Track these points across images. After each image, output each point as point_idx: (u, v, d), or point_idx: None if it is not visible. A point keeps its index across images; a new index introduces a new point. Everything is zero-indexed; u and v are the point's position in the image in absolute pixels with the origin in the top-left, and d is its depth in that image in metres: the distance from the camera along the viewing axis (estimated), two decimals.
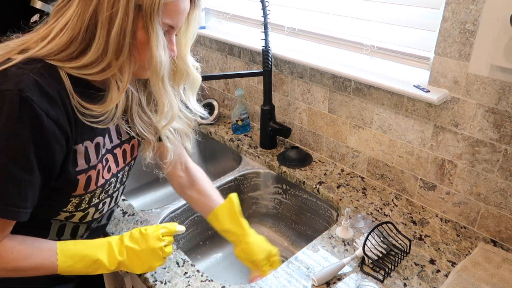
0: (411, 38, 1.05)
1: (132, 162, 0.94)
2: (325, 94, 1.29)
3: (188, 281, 0.92)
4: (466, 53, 0.93)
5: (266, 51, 1.30)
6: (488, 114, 0.94)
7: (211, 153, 1.63)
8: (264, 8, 1.23)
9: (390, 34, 1.09)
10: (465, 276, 0.91)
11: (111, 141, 0.84)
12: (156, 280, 0.92)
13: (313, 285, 0.90)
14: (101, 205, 0.87)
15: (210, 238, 1.35)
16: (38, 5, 1.91)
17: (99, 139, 0.80)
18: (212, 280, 0.92)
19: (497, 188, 0.98)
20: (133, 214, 1.13)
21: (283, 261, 1.01)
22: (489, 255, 0.97)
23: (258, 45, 1.32)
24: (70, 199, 0.79)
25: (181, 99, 0.88)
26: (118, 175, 0.89)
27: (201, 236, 1.33)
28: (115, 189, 0.90)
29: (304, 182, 1.27)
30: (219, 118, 1.67)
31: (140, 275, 0.95)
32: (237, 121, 1.53)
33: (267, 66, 1.32)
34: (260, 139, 1.45)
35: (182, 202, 1.21)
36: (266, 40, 1.29)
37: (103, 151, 0.82)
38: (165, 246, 0.85)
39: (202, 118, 0.93)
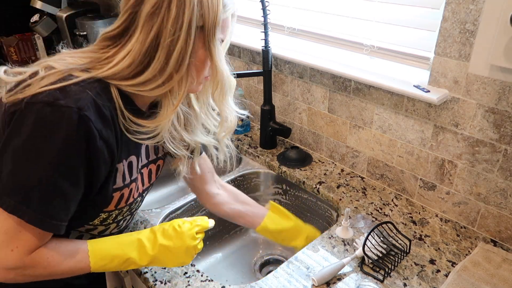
0: (411, 38, 1.05)
1: (154, 181, 0.96)
2: (325, 94, 1.29)
3: (188, 281, 0.92)
4: (466, 53, 0.93)
5: (266, 51, 1.30)
6: (488, 114, 0.94)
7: None
8: (264, 8, 1.23)
9: (390, 34, 1.09)
10: (465, 276, 0.91)
11: (141, 160, 0.86)
12: (156, 280, 0.92)
13: (313, 285, 0.90)
14: (122, 221, 0.90)
15: (210, 238, 1.35)
16: (38, 5, 1.91)
17: (133, 158, 0.81)
18: (212, 280, 0.92)
19: (497, 188, 0.98)
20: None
21: (283, 261, 1.01)
22: (489, 255, 0.97)
23: (258, 45, 1.32)
24: (100, 214, 0.81)
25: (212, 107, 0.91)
26: (143, 194, 0.91)
27: None
28: (137, 207, 0.92)
29: (304, 182, 1.27)
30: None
31: (140, 275, 0.95)
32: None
33: (267, 66, 1.32)
34: (260, 139, 1.45)
35: (182, 202, 1.21)
36: (266, 40, 1.29)
37: (136, 170, 0.83)
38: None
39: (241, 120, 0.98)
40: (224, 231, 1.38)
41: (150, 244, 0.82)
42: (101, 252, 0.78)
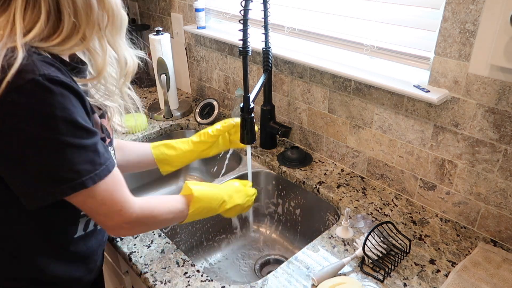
0: (411, 38, 1.05)
1: (113, 137, 0.94)
2: (325, 94, 1.29)
3: (188, 281, 0.92)
4: (466, 53, 0.93)
5: (266, 51, 1.30)
6: (488, 114, 0.94)
7: None
8: (265, 10, 1.23)
9: (390, 34, 1.09)
10: (465, 276, 0.91)
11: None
12: (156, 280, 0.92)
13: (313, 285, 0.90)
14: None
15: (210, 238, 1.35)
16: None
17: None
18: (212, 280, 0.92)
19: (497, 188, 0.98)
20: None
21: (283, 261, 1.01)
22: (489, 255, 0.97)
23: (258, 45, 1.32)
24: None
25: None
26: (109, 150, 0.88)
27: (201, 236, 1.33)
28: None
29: (304, 182, 1.27)
30: (219, 118, 1.67)
31: (140, 275, 0.95)
32: None
33: (267, 66, 1.32)
34: (260, 139, 1.45)
35: None
36: (266, 42, 1.29)
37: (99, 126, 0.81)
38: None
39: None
40: (224, 231, 1.38)
41: (229, 200, 0.99)
42: (197, 207, 0.91)
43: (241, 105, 1.14)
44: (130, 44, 0.89)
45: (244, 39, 1.07)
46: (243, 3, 1.04)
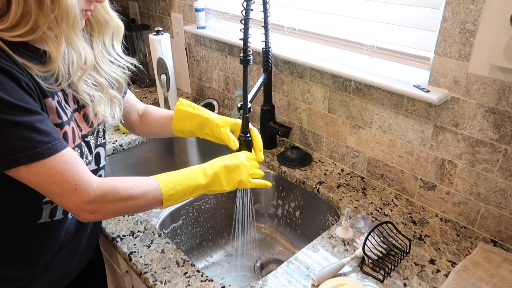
0: (411, 38, 1.05)
1: (100, 127, 0.94)
2: (325, 94, 1.29)
3: (188, 281, 0.92)
4: (466, 53, 0.93)
5: (266, 51, 1.30)
6: (488, 114, 0.94)
7: (211, 153, 1.63)
8: (265, 10, 1.23)
9: (390, 34, 1.09)
10: (465, 276, 0.91)
11: (69, 105, 0.84)
12: (156, 280, 0.92)
13: (313, 285, 0.90)
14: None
15: (210, 238, 1.35)
16: None
17: (56, 98, 0.79)
18: (212, 280, 0.92)
19: (497, 188, 0.98)
20: (133, 214, 1.13)
21: (283, 261, 1.01)
22: (489, 255, 0.97)
23: (258, 45, 1.32)
24: None
25: (107, 50, 0.88)
26: (86, 139, 0.88)
27: (201, 236, 1.33)
28: (91, 156, 0.90)
29: (304, 182, 1.27)
30: None
31: (140, 275, 0.95)
32: None
33: (267, 66, 1.32)
34: None
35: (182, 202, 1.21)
36: (266, 42, 1.29)
37: (68, 111, 0.81)
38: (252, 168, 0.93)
39: (128, 67, 0.93)
40: (223, 231, 1.38)
41: (209, 165, 0.90)
42: (167, 177, 0.84)
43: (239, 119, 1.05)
44: (122, 53, 0.91)
45: (245, 48, 1.03)
46: (243, 13, 1.01)
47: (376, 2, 1.08)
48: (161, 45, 1.60)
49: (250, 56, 1.04)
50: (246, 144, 1.00)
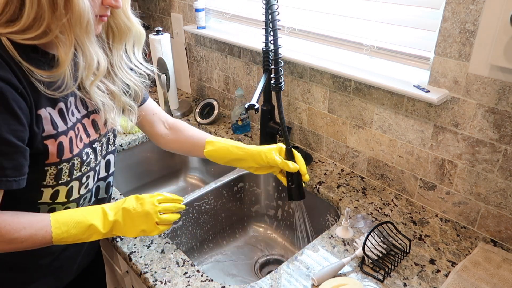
0: (411, 38, 1.05)
1: (110, 134, 0.93)
2: (325, 94, 1.29)
3: (188, 281, 0.92)
4: (466, 53, 0.93)
5: (266, 51, 1.30)
6: (488, 114, 0.94)
7: None
8: (267, 10, 1.23)
9: (390, 34, 1.09)
10: (465, 276, 0.91)
11: (79, 111, 0.84)
12: (156, 280, 0.92)
13: (313, 285, 0.90)
14: (84, 178, 0.86)
15: (210, 238, 1.35)
16: None
17: (61, 105, 0.78)
18: (212, 280, 0.92)
19: (497, 188, 0.98)
20: None
21: (283, 261, 1.01)
22: (489, 255, 0.97)
23: (258, 45, 1.32)
24: (46, 169, 0.78)
25: (128, 57, 0.88)
26: (94, 146, 0.87)
27: (201, 236, 1.33)
28: (97, 162, 0.89)
29: (304, 182, 1.27)
30: (219, 118, 1.67)
31: (140, 275, 0.95)
32: (237, 121, 1.53)
33: (267, 66, 1.32)
34: (260, 139, 1.45)
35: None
36: (266, 43, 1.29)
37: (72, 119, 0.81)
38: (161, 214, 0.86)
39: (149, 75, 0.92)
40: (224, 231, 1.38)
41: (111, 211, 0.83)
42: (63, 218, 0.78)
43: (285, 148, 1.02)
44: (142, 60, 0.91)
45: (277, 77, 0.98)
46: (271, 24, 0.96)
47: (376, 2, 1.08)
48: (161, 45, 1.60)
49: (282, 83, 0.98)
50: (297, 175, 1.02)
